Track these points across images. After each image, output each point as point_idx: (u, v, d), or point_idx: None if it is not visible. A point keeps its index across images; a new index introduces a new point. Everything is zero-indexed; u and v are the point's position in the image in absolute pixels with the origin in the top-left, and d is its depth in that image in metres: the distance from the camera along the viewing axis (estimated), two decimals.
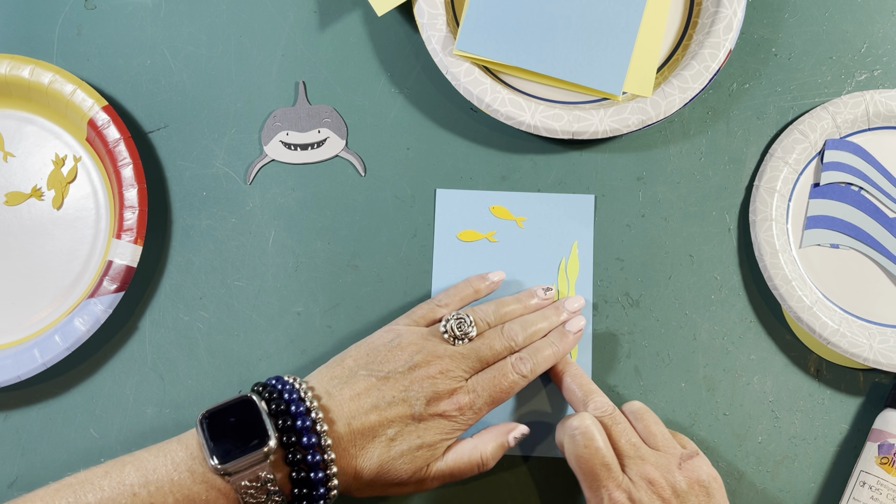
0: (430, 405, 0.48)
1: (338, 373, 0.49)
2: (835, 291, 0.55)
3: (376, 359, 0.49)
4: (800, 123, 0.56)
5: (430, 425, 0.48)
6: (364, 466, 0.47)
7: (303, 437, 0.45)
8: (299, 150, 0.58)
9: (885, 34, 0.59)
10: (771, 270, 0.54)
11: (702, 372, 0.56)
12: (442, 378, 0.48)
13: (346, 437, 0.47)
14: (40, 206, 0.57)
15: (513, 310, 0.53)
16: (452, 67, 0.56)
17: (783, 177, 0.56)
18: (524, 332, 0.51)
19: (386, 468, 0.47)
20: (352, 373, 0.49)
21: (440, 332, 0.50)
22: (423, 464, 0.48)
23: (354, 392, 0.48)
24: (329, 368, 0.50)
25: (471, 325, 0.50)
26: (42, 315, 0.56)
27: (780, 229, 0.55)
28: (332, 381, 0.49)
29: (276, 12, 0.60)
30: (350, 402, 0.47)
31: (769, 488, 0.54)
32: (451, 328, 0.50)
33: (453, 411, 0.48)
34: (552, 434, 0.54)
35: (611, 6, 0.57)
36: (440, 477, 0.49)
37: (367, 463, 0.47)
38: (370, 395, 0.48)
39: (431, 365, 0.48)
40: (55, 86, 0.56)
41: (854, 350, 0.53)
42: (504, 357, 0.50)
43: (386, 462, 0.47)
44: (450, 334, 0.50)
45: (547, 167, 0.58)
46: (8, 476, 0.55)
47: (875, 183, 0.56)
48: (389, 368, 0.48)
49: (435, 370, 0.48)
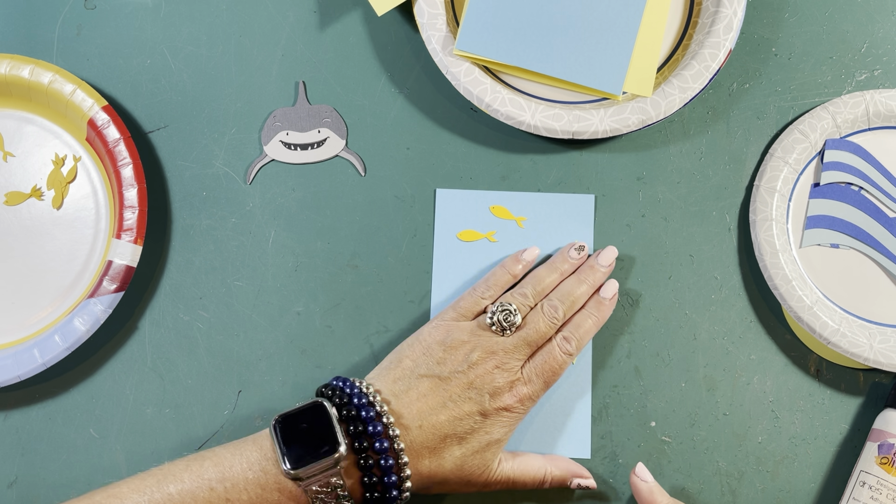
0: (494, 400, 0.49)
1: (398, 374, 0.50)
2: (835, 291, 0.55)
3: (433, 358, 0.50)
4: (800, 123, 0.56)
5: (496, 420, 0.49)
6: (436, 466, 0.48)
7: (375, 443, 0.46)
8: (299, 149, 0.58)
9: (885, 34, 0.59)
10: (771, 270, 0.54)
11: (702, 372, 0.56)
12: (500, 372, 0.49)
13: (418, 439, 0.48)
14: (40, 206, 0.57)
15: (550, 282, 0.54)
16: (452, 67, 0.56)
17: (783, 176, 0.56)
18: (563, 305, 0.52)
19: (459, 466, 0.48)
20: (412, 374, 0.50)
21: (487, 325, 0.51)
22: (493, 460, 0.49)
23: (420, 393, 0.49)
24: (389, 371, 0.50)
25: (515, 314, 0.51)
26: (42, 315, 0.56)
27: (780, 229, 0.55)
28: (395, 383, 0.49)
29: (276, 12, 0.60)
30: (417, 403, 0.48)
31: (769, 488, 0.54)
32: (498, 321, 0.51)
33: (515, 403, 0.49)
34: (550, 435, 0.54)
35: (611, 6, 0.57)
36: (505, 480, 0.50)
37: (439, 462, 0.48)
38: (436, 396, 0.49)
39: (488, 361, 0.49)
40: (55, 86, 0.56)
41: (854, 350, 0.53)
42: (550, 337, 0.52)
43: (458, 460, 0.48)
44: (497, 326, 0.51)
45: (547, 167, 0.58)
46: (8, 476, 0.55)
47: (875, 183, 0.56)
48: (450, 369, 0.49)
49: (492, 365, 0.49)
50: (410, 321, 0.56)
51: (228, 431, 0.55)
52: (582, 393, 0.55)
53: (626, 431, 0.55)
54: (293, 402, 0.56)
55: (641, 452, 0.55)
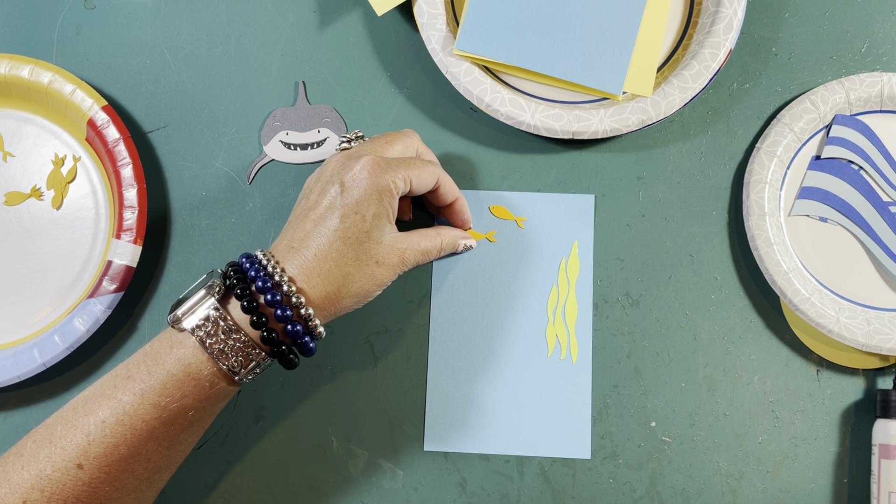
0: (343, 173, 0.49)
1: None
2: (814, 263, 0.56)
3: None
4: (812, 94, 0.56)
5: (352, 189, 0.48)
6: (326, 273, 0.47)
7: (248, 270, 0.46)
8: (299, 149, 0.58)
9: (885, 34, 0.59)
10: (755, 231, 0.54)
11: (702, 372, 0.55)
12: (340, 166, 0.50)
13: (288, 256, 0.47)
14: (40, 206, 0.57)
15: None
16: (452, 67, 0.56)
17: (785, 143, 0.56)
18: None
19: (340, 250, 0.47)
20: (287, 228, 0.50)
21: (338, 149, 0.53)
22: (378, 228, 0.48)
23: (287, 226, 0.49)
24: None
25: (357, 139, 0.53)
26: (42, 315, 0.56)
27: (772, 193, 0.55)
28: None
29: (276, 12, 0.60)
30: (286, 233, 0.49)
31: (769, 488, 0.54)
32: (344, 140, 0.53)
33: (359, 166, 0.49)
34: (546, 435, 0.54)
35: (611, 6, 0.57)
36: (399, 252, 0.50)
37: (327, 269, 0.47)
38: (298, 214, 0.49)
39: (330, 167, 0.51)
40: (55, 85, 0.56)
41: (820, 320, 0.53)
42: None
43: (336, 244, 0.48)
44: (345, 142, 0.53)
45: (547, 167, 0.58)
46: None
47: (876, 165, 0.56)
48: (310, 198, 0.50)
49: (332, 167, 0.50)
50: (410, 321, 0.56)
51: (228, 431, 0.55)
52: (582, 393, 0.55)
53: (626, 431, 0.55)
54: (292, 402, 0.56)
55: (641, 452, 0.55)
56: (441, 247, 0.53)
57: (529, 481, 0.55)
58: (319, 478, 0.55)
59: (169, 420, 0.44)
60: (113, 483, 0.44)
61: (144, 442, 0.44)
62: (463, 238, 0.55)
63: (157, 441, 0.44)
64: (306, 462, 0.55)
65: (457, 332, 0.56)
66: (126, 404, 0.44)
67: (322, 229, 0.47)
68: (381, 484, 0.55)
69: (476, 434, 0.55)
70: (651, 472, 0.54)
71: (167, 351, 0.45)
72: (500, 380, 0.55)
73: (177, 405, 0.44)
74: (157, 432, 0.44)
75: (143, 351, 0.46)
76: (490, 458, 0.55)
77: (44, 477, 0.43)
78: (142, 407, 0.44)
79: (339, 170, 0.49)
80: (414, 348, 0.56)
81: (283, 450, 0.55)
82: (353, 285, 0.48)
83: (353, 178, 0.48)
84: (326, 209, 0.48)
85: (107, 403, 0.44)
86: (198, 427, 0.46)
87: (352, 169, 0.48)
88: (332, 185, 0.48)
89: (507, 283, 0.56)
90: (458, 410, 0.55)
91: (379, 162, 0.49)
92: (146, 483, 0.45)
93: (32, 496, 0.43)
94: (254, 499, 0.55)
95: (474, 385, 0.55)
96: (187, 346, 0.45)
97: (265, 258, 0.47)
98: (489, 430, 0.55)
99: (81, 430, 0.44)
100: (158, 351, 0.45)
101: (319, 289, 0.47)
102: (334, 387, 0.56)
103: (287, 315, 0.45)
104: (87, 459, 0.43)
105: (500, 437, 0.55)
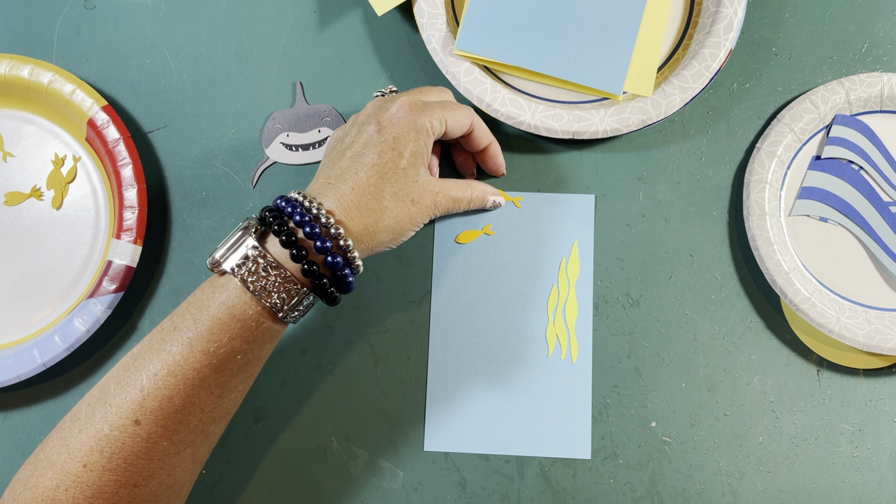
0: (380, 114, 0.49)
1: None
2: (814, 263, 0.56)
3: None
4: (812, 94, 0.56)
5: (390, 130, 0.49)
6: (365, 207, 0.48)
7: (284, 208, 0.46)
8: (300, 150, 0.58)
9: (885, 34, 0.59)
10: (755, 231, 0.54)
11: (702, 372, 0.55)
12: (379, 110, 0.51)
13: (328, 192, 0.47)
14: (40, 206, 0.57)
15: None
16: (452, 67, 0.56)
17: (786, 143, 0.56)
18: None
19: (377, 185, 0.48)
20: (323, 166, 0.50)
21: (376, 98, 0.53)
22: (414, 168, 0.49)
23: (323, 165, 0.50)
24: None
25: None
26: (42, 315, 0.56)
27: (772, 193, 0.55)
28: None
29: (276, 12, 0.60)
30: (323, 171, 0.49)
31: (770, 488, 0.54)
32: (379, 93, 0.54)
33: (396, 108, 0.50)
34: (546, 435, 0.54)
35: (611, 6, 0.57)
36: (432, 194, 0.51)
37: (367, 203, 0.48)
38: (331, 154, 0.50)
39: (368, 109, 0.52)
40: (55, 85, 0.56)
41: (820, 320, 0.53)
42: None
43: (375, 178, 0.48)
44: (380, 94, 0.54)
45: (547, 167, 0.58)
46: (8, 476, 0.55)
47: (876, 165, 0.56)
48: (347, 138, 0.51)
49: (369, 110, 0.51)
50: (410, 321, 0.56)
51: (228, 431, 0.55)
52: (582, 393, 0.55)
53: (627, 431, 0.55)
54: (292, 402, 0.56)
55: (642, 452, 0.55)
56: (471, 198, 0.54)
57: (530, 481, 0.55)
58: (319, 478, 0.55)
59: (219, 366, 0.44)
60: (170, 437, 0.44)
61: (197, 391, 0.44)
62: (493, 194, 0.56)
63: (209, 389, 0.45)
64: (306, 462, 0.55)
65: (457, 332, 0.56)
66: (176, 355, 0.44)
67: (359, 165, 0.48)
68: (381, 484, 0.55)
69: (476, 434, 0.55)
70: (651, 472, 0.54)
71: (210, 297, 0.45)
72: (501, 380, 0.56)
73: (225, 349, 0.44)
74: (209, 380, 0.44)
75: (187, 301, 0.46)
76: (490, 458, 0.55)
77: (102, 437, 0.43)
78: (191, 355, 0.44)
79: (376, 112, 0.50)
80: (414, 348, 0.56)
81: (283, 450, 0.55)
82: (390, 219, 0.48)
83: (391, 117, 0.49)
84: (364, 146, 0.48)
85: (157, 356, 0.44)
86: (247, 373, 0.46)
87: (388, 109, 0.49)
88: (369, 125, 0.49)
89: (507, 283, 0.56)
90: (458, 410, 0.55)
91: (416, 102, 0.50)
92: (201, 436, 0.45)
93: (92, 458, 0.43)
94: (254, 499, 0.55)
95: (474, 385, 0.55)
96: (229, 288, 0.45)
97: (301, 196, 0.47)
98: (489, 430, 0.55)
99: (135, 385, 0.44)
100: (201, 299, 0.45)
101: (357, 221, 0.47)
102: (334, 387, 0.56)
103: (327, 246, 0.45)
104: (143, 414, 0.43)
105: (500, 438, 0.55)
